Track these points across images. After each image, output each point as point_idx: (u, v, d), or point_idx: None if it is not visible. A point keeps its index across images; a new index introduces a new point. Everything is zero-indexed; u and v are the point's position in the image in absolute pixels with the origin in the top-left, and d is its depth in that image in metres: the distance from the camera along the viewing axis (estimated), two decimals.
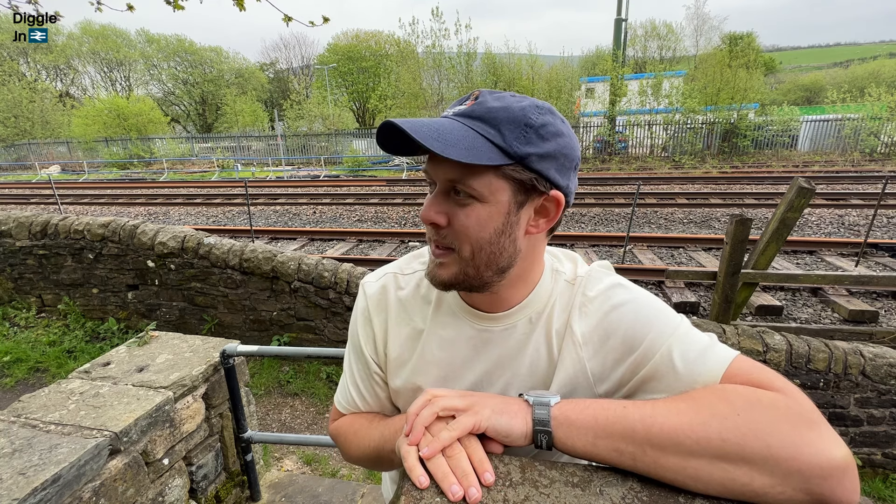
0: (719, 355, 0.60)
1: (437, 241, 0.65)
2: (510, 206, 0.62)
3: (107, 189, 15.47)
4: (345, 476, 2.78)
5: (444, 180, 0.61)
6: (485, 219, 0.61)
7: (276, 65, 47.97)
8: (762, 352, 2.71)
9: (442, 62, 23.62)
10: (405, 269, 0.81)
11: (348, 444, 0.80)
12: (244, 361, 2.15)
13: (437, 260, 0.66)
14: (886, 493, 2.74)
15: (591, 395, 0.69)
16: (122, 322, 4.38)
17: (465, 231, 0.62)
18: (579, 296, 0.70)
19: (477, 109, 0.60)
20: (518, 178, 0.60)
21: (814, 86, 42.64)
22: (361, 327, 0.80)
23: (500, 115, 0.59)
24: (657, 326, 0.64)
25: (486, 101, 0.61)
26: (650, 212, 9.31)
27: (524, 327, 0.71)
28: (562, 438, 0.56)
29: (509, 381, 0.72)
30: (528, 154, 0.59)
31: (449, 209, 0.62)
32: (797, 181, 3.35)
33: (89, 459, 1.33)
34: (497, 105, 0.60)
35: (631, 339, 0.65)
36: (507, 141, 0.59)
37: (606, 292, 0.69)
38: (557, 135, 0.61)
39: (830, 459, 0.47)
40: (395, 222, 9.26)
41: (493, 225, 0.61)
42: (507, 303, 0.71)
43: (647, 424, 0.53)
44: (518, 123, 0.59)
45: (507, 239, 0.63)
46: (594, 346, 0.67)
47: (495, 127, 0.59)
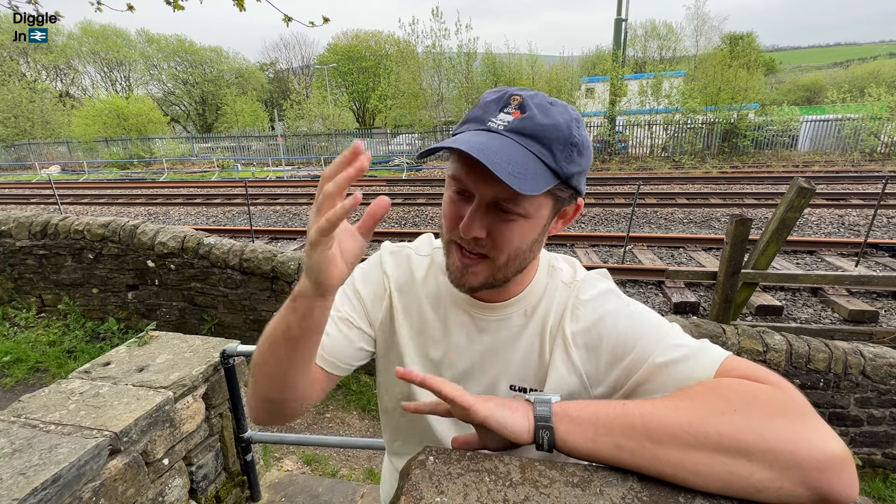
0: (711, 355, 0.61)
1: (471, 249, 0.64)
2: (548, 219, 0.65)
3: (107, 189, 15.47)
4: (345, 476, 2.78)
5: (492, 196, 0.60)
6: (526, 233, 0.63)
7: (276, 65, 47.97)
8: (762, 352, 2.71)
9: (442, 62, 23.62)
10: (420, 251, 0.82)
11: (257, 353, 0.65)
12: (244, 361, 2.15)
13: (467, 268, 0.65)
14: (886, 493, 2.74)
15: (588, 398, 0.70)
16: (122, 322, 4.38)
17: (506, 244, 0.63)
18: (573, 298, 0.72)
19: (528, 126, 0.59)
20: (560, 195, 0.63)
21: (814, 86, 42.66)
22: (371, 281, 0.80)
23: (552, 135, 0.59)
24: (649, 332, 0.65)
25: (533, 115, 0.59)
26: (650, 212, 9.31)
27: (518, 319, 0.73)
28: (563, 435, 0.56)
29: (501, 370, 0.73)
30: (573, 174, 0.61)
31: (490, 223, 0.62)
32: (797, 181, 3.35)
33: (89, 459, 1.33)
34: (547, 122, 0.59)
35: (623, 344, 0.66)
36: (558, 162, 0.60)
37: (599, 297, 0.71)
38: (587, 148, 0.63)
39: (828, 452, 0.47)
40: (395, 222, 9.26)
41: (531, 236, 0.64)
42: (505, 294, 0.73)
43: (646, 420, 0.53)
44: (566, 143, 0.60)
45: (537, 245, 0.67)
46: (586, 350, 0.69)
47: (548, 147, 0.59)
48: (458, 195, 0.64)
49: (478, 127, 0.62)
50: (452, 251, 0.67)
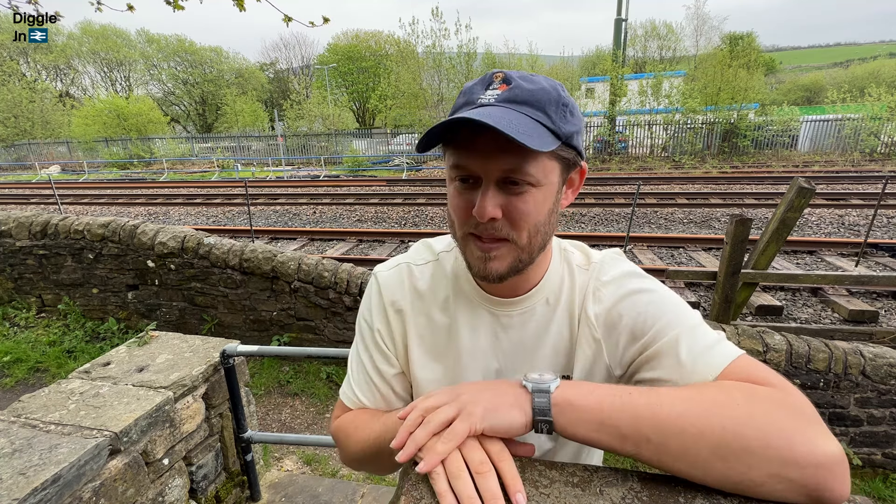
0: (725, 352, 0.61)
1: (491, 235, 0.62)
2: (559, 185, 0.64)
3: (107, 189, 15.47)
4: (345, 476, 2.78)
5: (500, 171, 0.59)
6: (541, 202, 0.62)
7: (276, 65, 47.96)
8: (762, 352, 2.71)
9: (442, 62, 23.61)
10: (418, 260, 0.79)
11: (348, 440, 0.74)
12: (244, 361, 2.15)
13: (489, 254, 0.63)
14: (886, 493, 2.74)
15: (610, 381, 0.69)
16: (122, 322, 4.38)
17: (524, 218, 0.61)
18: (593, 280, 0.71)
19: (518, 94, 0.59)
20: (565, 156, 0.62)
21: (814, 86, 42.62)
22: (377, 316, 0.77)
23: (543, 97, 0.60)
24: (669, 315, 0.65)
25: (519, 84, 0.60)
26: (650, 212, 9.31)
27: (542, 310, 0.72)
28: (563, 425, 0.55)
29: (532, 365, 0.72)
30: (571, 132, 0.61)
31: (504, 200, 0.60)
32: (797, 181, 3.35)
33: (89, 459, 1.33)
34: (534, 87, 0.60)
35: (642, 325, 0.65)
36: (555, 122, 0.60)
37: (621, 279, 0.70)
38: (577, 108, 0.64)
39: (825, 451, 0.48)
40: (395, 222, 9.26)
41: (546, 206, 0.63)
42: (523, 286, 0.71)
43: (653, 411, 0.53)
44: (558, 103, 0.60)
45: (554, 216, 0.65)
46: (608, 330, 0.68)
47: (542, 109, 0.59)
48: (464, 183, 0.62)
49: (471, 107, 0.60)
50: (470, 244, 0.64)
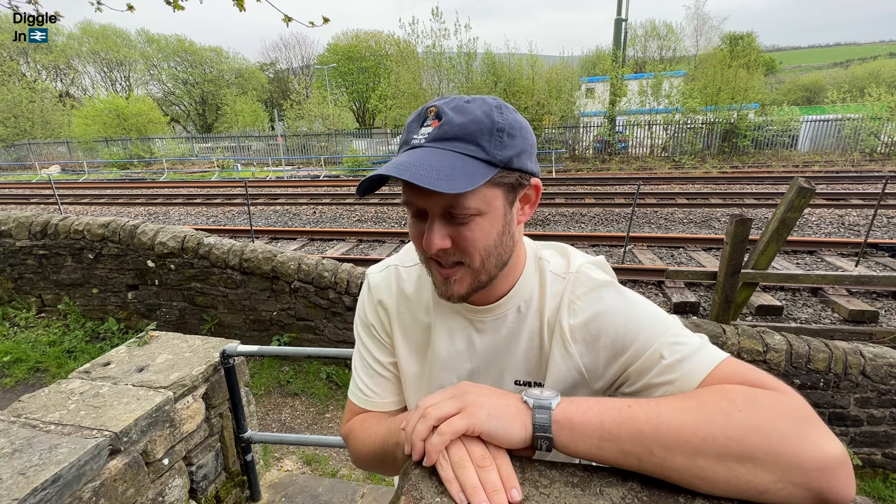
0: (709, 356, 0.61)
1: (444, 261, 0.65)
2: (505, 208, 0.65)
3: (107, 189, 15.47)
4: (345, 476, 2.78)
5: (441, 207, 0.61)
6: (487, 228, 0.63)
7: (276, 65, 47.95)
8: (762, 352, 2.71)
9: (442, 62, 23.60)
10: (406, 262, 0.83)
11: (357, 441, 0.79)
12: (244, 361, 2.15)
13: (448, 279, 0.66)
14: (886, 493, 2.74)
15: (588, 391, 0.70)
16: (122, 322, 4.38)
17: (472, 245, 0.63)
18: (568, 292, 0.71)
19: (447, 130, 0.60)
20: (506, 181, 0.63)
21: (814, 86, 42.61)
22: (371, 313, 0.82)
23: (473, 129, 0.60)
24: (648, 327, 0.65)
25: (450, 118, 0.61)
26: (650, 212, 9.31)
27: (514, 316, 0.74)
28: (564, 442, 0.55)
29: (504, 367, 0.75)
30: (509, 157, 0.62)
31: (450, 231, 0.63)
32: (797, 181, 3.35)
33: (89, 459, 1.33)
34: (464, 119, 0.60)
35: (622, 339, 0.66)
36: (489, 152, 0.60)
37: (596, 291, 0.69)
38: (521, 127, 0.64)
39: (828, 454, 0.48)
40: (395, 222, 9.26)
41: (494, 231, 0.64)
42: (496, 294, 0.73)
43: (654, 424, 0.52)
44: (490, 131, 0.60)
45: (507, 237, 0.66)
46: (585, 344, 0.69)
47: (473, 142, 0.60)
48: (416, 217, 0.66)
49: (405, 149, 0.64)
50: (432, 268, 0.68)
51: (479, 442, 0.56)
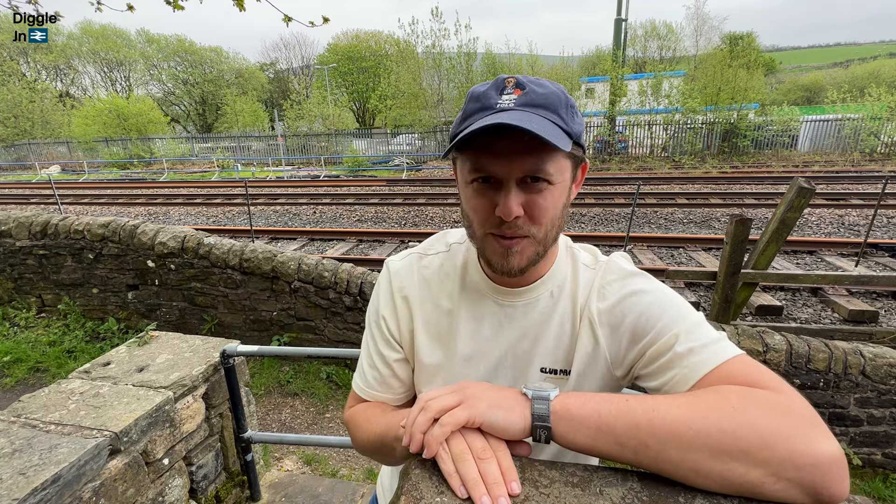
0: (721, 351, 0.62)
1: (513, 232, 0.65)
2: (570, 181, 0.68)
3: (107, 189, 15.47)
4: (345, 476, 2.78)
5: (521, 172, 0.62)
6: (557, 198, 0.65)
7: (276, 65, 47.95)
8: (762, 352, 2.71)
9: (442, 62, 23.61)
10: (429, 251, 0.83)
11: (358, 430, 0.79)
12: (244, 361, 2.15)
13: (510, 249, 0.66)
14: (886, 493, 2.74)
15: (610, 379, 0.72)
16: (122, 322, 4.38)
17: (543, 214, 0.65)
18: (599, 278, 0.74)
19: (534, 98, 0.63)
20: (575, 154, 0.67)
21: (814, 86, 42.63)
22: (385, 303, 0.81)
23: (554, 100, 0.63)
24: (670, 315, 0.66)
25: (533, 88, 0.63)
26: (650, 212, 9.31)
27: (546, 301, 0.75)
28: (562, 433, 0.56)
29: (533, 354, 0.74)
30: (578, 132, 0.65)
31: (524, 199, 0.64)
32: (797, 181, 3.35)
33: (89, 459, 1.33)
34: (547, 91, 0.64)
35: (644, 323, 0.67)
36: (567, 123, 0.63)
37: (626, 279, 0.72)
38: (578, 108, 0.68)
39: (822, 451, 0.48)
40: (395, 222, 9.26)
41: (561, 201, 0.67)
42: (530, 277, 0.74)
43: (649, 417, 0.53)
44: (566, 105, 0.64)
45: (566, 210, 0.69)
46: (610, 328, 0.70)
47: (555, 112, 0.63)
48: (484, 184, 0.65)
49: (489, 112, 0.63)
50: (491, 242, 0.67)
51: (480, 434, 0.57)
